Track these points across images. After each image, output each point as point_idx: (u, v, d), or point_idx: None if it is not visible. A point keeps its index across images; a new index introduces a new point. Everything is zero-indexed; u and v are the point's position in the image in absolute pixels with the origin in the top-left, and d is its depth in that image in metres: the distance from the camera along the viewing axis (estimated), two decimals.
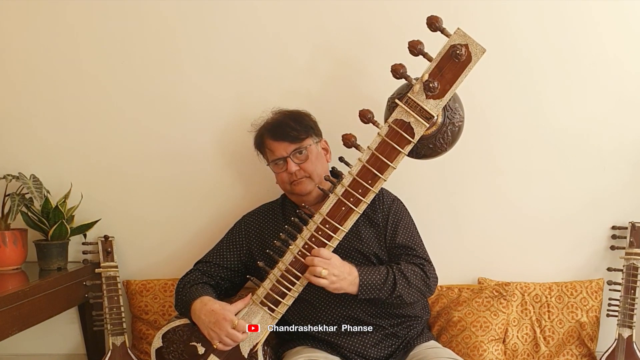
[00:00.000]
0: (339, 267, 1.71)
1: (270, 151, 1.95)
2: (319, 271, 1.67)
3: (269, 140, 1.94)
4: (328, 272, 1.68)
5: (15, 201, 2.07)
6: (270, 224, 2.00)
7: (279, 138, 1.91)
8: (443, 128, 1.69)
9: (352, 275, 1.74)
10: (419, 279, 1.84)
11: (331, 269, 1.69)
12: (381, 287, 1.76)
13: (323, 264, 1.68)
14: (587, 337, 2.22)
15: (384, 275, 1.78)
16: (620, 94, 2.26)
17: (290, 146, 1.91)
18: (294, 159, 1.90)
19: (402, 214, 1.98)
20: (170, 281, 2.26)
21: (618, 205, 2.29)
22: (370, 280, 1.76)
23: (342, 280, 1.72)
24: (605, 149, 2.27)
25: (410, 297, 1.81)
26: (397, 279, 1.79)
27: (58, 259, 2.17)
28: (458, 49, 1.53)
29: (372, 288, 1.76)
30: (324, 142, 2.02)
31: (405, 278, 1.81)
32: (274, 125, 1.95)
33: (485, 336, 2.12)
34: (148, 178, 2.31)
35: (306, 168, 1.91)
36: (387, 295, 1.78)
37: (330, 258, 1.70)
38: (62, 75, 2.28)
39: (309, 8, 2.22)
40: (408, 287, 1.80)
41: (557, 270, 2.31)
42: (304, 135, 1.92)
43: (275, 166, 1.95)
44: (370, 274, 1.77)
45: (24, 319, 1.84)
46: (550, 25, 2.23)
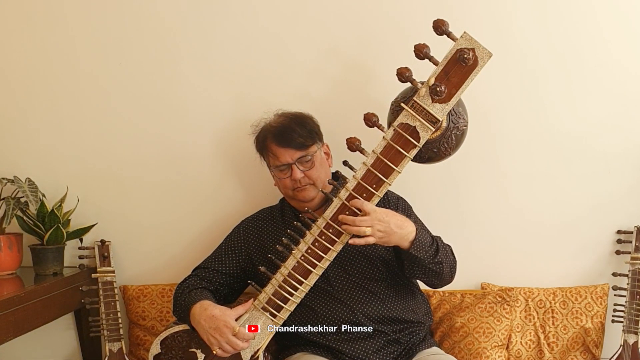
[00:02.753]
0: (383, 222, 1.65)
1: (274, 156, 1.92)
2: (363, 230, 1.63)
3: (274, 146, 1.91)
4: (372, 229, 1.64)
5: (11, 205, 2.06)
6: (270, 229, 2.00)
7: (284, 144, 1.88)
8: (447, 132, 1.69)
9: (404, 230, 1.70)
10: (451, 254, 1.88)
11: (375, 225, 1.64)
12: (429, 248, 1.76)
13: (364, 222, 1.64)
14: (592, 344, 2.21)
15: (430, 237, 1.79)
16: (625, 96, 2.26)
17: (296, 153, 1.88)
18: (299, 166, 1.88)
19: (409, 212, 2.00)
20: (168, 286, 2.25)
21: (623, 209, 2.28)
22: (423, 239, 1.75)
23: (391, 235, 1.68)
24: (610, 152, 2.27)
25: (446, 267, 1.81)
26: (439, 245, 1.80)
27: (54, 263, 2.16)
28: (465, 53, 1.52)
29: (422, 246, 1.74)
30: (325, 146, 2.01)
31: (444, 248, 1.84)
32: (279, 130, 1.91)
33: (489, 342, 2.11)
34: (145, 181, 2.30)
35: (311, 175, 1.89)
36: (431, 259, 1.77)
37: (370, 212, 1.64)
38: (58, 77, 2.27)
39: (312, 8, 2.22)
40: (446, 256, 1.82)
41: (561, 275, 2.30)
42: (310, 142, 1.90)
43: (279, 172, 1.92)
44: (422, 232, 1.77)
45: (19, 324, 1.83)
46: (554, 28, 2.22)
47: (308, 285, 1.72)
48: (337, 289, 1.87)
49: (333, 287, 1.87)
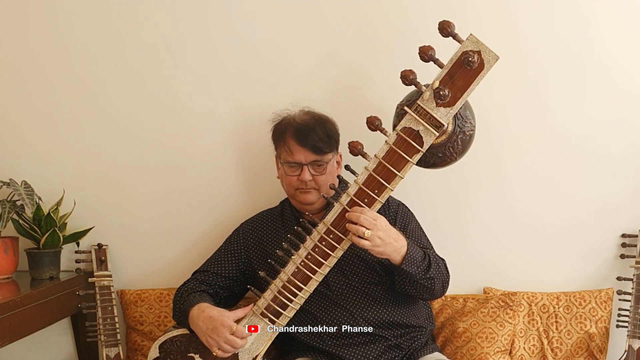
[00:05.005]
0: (384, 230, 1.64)
1: (288, 151, 1.90)
2: (363, 231, 1.61)
3: (292, 142, 1.89)
4: (372, 234, 1.61)
5: (6, 208, 2.05)
6: (269, 232, 2.00)
7: (302, 143, 1.87)
8: (453, 137, 1.67)
9: (399, 243, 1.69)
10: (444, 269, 1.85)
11: (376, 231, 1.62)
12: (420, 264, 1.75)
13: (368, 223, 1.61)
14: (596, 349, 2.20)
15: (422, 253, 1.78)
16: (628, 99, 2.25)
17: (312, 156, 1.87)
18: (310, 169, 1.88)
19: (409, 219, 1.98)
20: (166, 291, 2.25)
21: (628, 212, 2.27)
22: (414, 254, 1.73)
23: (387, 245, 1.66)
24: (614, 155, 2.26)
25: (437, 282, 1.80)
26: (431, 260, 1.79)
27: (50, 267, 2.15)
28: (470, 56, 1.50)
29: (414, 262, 1.73)
30: (339, 155, 2.00)
31: (437, 262, 1.82)
32: (301, 127, 1.89)
33: (491, 348, 2.10)
34: (143, 184, 2.28)
35: (318, 180, 1.89)
36: (423, 275, 1.75)
37: (376, 219, 1.63)
38: (54, 78, 2.26)
39: (311, 11, 2.21)
40: (438, 271, 1.80)
41: (565, 279, 2.29)
42: (327, 149, 1.89)
43: (289, 168, 1.91)
44: (414, 247, 1.75)
45: (15, 329, 1.83)
46: (556, 30, 2.21)
47: (307, 291, 1.71)
48: (336, 293, 1.87)
49: (332, 291, 1.87)
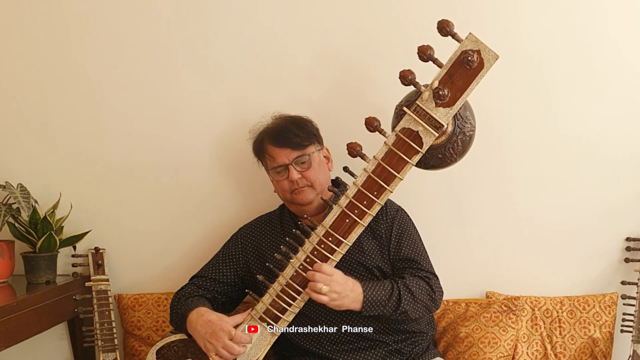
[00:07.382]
0: (341, 284, 1.67)
1: (270, 158, 1.92)
2: (320, 287, 1.64)
3: (270, 147, 1.91)
4: (329, 289, 1.64)
5: (2, 211, 2.04)
6: (268, 237, 1.99)
7: (280, 144, 1.89)
8: (453, 137, 1.66)
9: (355, 292, 1.70)
10: (424, 294, 1.81)
11: (333, 286, 1.65)
12: (386, 303, 1.74)
13: (324, 280, 1.65)
14: (600, 354, 2.18)
15: (388, 290, 1.75)
16: (634, 100, 2.23)
17: (293, 153, 1.88)
18: (295, 166, 1.88)
19: (406, 225, 1.96)
20: (164, 295, 2.24)
21: (632, 215, 2.25)
22: (374, 297, 1.72)
23: (344, 297, 1.68)
24: (618, 157, 2.24)
25: (415, 312, 1.79)
26: (402, 294, 1.76)
27: (46, 272, 2.15)
28: (470, 55, 1.49)
29: (376, 304, 1.72)
30: (325, 150, 2.01)
31: (411, 293, 1.78)
32: (275, 131, 1.93)
33: (494, 353, 2.08)
34: (141, 187, 2.28)
35: (308, 176, 1.88)
36: (392, 312, 1.75)
37: (332, 274, 1.66)
38: (50, 80, 2.27)
39: (310, 11, 2.20)
40: (414, 302, 1.78)
41: (568, 283, 2.27)
42: (306, 142, 1.90)
43: (276, 174, 1.92)
44: (374, 289, 1.74)
45: (11, 334, 1.82)
46: (562, 29, 2.20)
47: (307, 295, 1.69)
48: None
49: None
